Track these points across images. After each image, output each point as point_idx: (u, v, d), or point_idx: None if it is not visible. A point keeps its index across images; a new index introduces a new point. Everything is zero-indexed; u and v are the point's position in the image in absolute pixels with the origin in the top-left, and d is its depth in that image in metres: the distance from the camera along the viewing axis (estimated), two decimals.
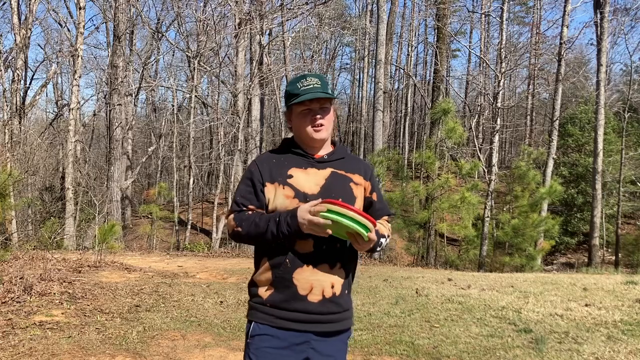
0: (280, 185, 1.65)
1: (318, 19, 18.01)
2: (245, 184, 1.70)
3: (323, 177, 1.68)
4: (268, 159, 1.71)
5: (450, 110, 12.25)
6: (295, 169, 1.68)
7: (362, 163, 1.83)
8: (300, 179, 1.66)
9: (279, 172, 1.67)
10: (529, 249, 11.66)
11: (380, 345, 3.86)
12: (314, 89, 1.65)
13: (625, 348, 3.78)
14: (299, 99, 1.64)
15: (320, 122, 1.66)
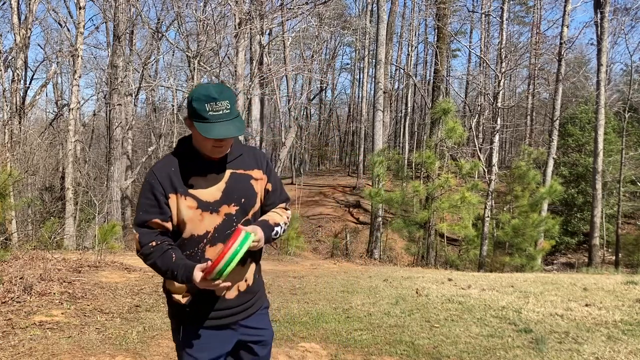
0: (182, 196, 1.63)
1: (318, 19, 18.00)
2: (146, 198, 1.65)
3: (223, 181, 1.68)
4: (166, 167, 1.66)
5: (451, 110, 12.25)
6: (195, 177, 1.66)
7: (257, 154, 1.81)
8: (200, 187, 1.65)
9: (178, 181, 1.64)
10: (529, 249, 11.66)
11: (381, 345, 3.86)
12: (223, 117, 1.57)
13: (626, 348, 3.77)
14: (208, 132, 1.56)
15: (223, 150, 1.66)
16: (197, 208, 1.63)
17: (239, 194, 1.69)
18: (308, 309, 4.94)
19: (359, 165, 27.46)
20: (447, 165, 14.11)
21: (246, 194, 1.70)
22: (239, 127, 1.59)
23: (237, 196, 1.68)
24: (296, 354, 3.64)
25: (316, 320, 4.51)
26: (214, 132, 1.55)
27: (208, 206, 1.64)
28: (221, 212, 1.66)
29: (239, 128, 1.59)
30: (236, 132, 1.57)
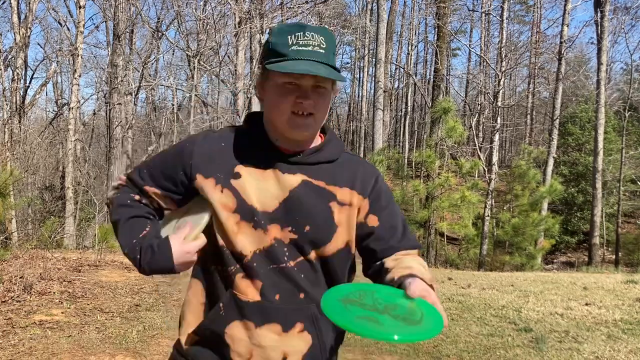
0: (218, 184, 1.08)
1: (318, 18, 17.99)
2: (163, 159, 1.17)
3: (287, 188, 1.08)
4: (215, 141, 1.14)
5: (451, 109, 12.25)
6: (247, 166, 1.10)
7: (363, 167, 1.17)
8: (250, 184, 1.08)
9: (221, 162, 1.10)
10: (529, 248, 11.67)
11: (381, 344, 3.86)
12: (313, 54, 1.04)
13: (626, 347, 3.77)
14: (283, 66, 1.02)
15: (309, 111, 1.05)
16: (234, 211, 1.07)
17: (304, 216, 1.08)
18: None
19: None
20: (447, 165, 14.11)
21: (315, 220, 1.08)
22: (334, 73, 1.05)
23: (299, 218, 1.07)
24: None
25: None
26: (295, 66, 1.02)
27: (252, 215, 1.07)
28: (269, 232, 1.07)
29: (333, 73, 1.04)
30: (329, 73, 1.03)
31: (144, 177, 1.16)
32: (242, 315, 1.07)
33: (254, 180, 1.09)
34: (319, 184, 1.11)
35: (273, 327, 1.07)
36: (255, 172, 1.10)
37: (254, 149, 1.12)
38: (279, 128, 1.09)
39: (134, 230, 1.10)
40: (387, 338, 0.80)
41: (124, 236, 1.10)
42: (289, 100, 1.05)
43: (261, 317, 1.06)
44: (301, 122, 1.06)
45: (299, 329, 1.08)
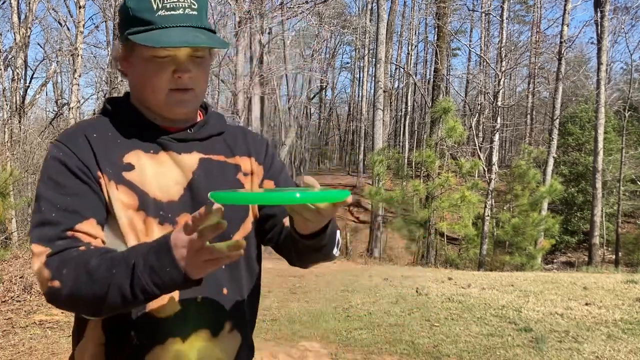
0: (111, 181, 0.89)
1: (318, 18, 17.99)
2: (55, 187, 0.87)
3: (189, 170, 0.94)
4: (81, 132, 0.91)
5: (451, 109, 12.25)
6: (136, 153, 0.92)
7: (252, 135, 1.08)
8: (146, 173, 0.91)
9: (105, 156, 0.90)
10: (529, 247, 11.67)
11: (381, 344, 3.86)
12: (185, 19, 0.88)
13: (626, 347, 3.77)
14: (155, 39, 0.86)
15: (189, 86, 0.91)
16: (138, 209, 0.89)
17: None
18: (308, 308, 4.94)
19: (359, 164, 27.46)
20: (447, 164, 14.12)
21: None
22: (215, 39, 0.91)
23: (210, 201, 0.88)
24: (296, 353, 3.64)
25: (316, 319, 4.51)
26: (170, 37, 0.86)
27: (157, 208, 0.90)
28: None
29: (215, 39, 0.91)
30: (211, 41, 0.89)
31: (62, 221, 0.84)
32: (163, 336, 0.88)
33: (149, 167, 0.91)
34: (219, 158, 0.99)
35: (201, 334, 0.92)
36: (147, 158, 0.92)
37: (135, 132, 0.93)
38: (154, 107, 0.93)
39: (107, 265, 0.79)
40: (289, 197, 0.74)
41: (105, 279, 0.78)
42: (165, 75, 0.89)
43: (187, 328, 0.90)
44: (181, 98, 0.91)
45: (228, 328, 0.95)
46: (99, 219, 0.89)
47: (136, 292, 0.77)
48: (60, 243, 0.84)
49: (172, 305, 0.90)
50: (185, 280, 0.77)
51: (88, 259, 0.80)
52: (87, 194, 0.88)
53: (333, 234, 0.94)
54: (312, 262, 1.02)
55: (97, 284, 0.78)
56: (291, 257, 1.03)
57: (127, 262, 0.78)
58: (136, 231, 0.89)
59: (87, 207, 0.87)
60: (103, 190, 0.89)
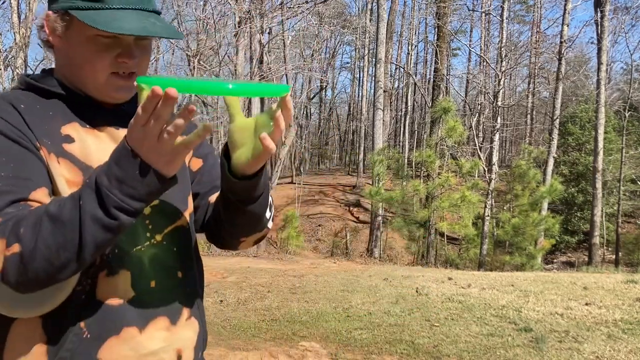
0: (51, 154, 0.78)
1: (318, 18, 17.99)
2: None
3: None
4: (11, 100, 0.81)
5: (451, 109, 12.25)
6: (73, 126, 0.82)
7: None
8: (88, 146, 0.82)
9: (41, 127, 0.79)
10: (529, 247, 11.67)
11: (381, 344, 3.86)
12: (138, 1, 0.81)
13: (626, 347, 3.77)
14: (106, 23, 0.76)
15: (132, 70, 0.83)
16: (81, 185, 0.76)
17: None
18: (308, 308, 4.94)
19: (359, 164, 27.46)
20: (447, 164, 14.11)
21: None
22: (171, 28, 0.84)
23: None
24: (296, 353, 3.64)
25: (316, 319, 4.51)
26: (126, 22, 0.77)
27: None
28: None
29: (171, 29, 0.84)
30: (169, 31, 0.82)
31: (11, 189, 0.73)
32: (117, 325, 0.79)
33: (90, 141, 0.82)
34: None
35: (159, 322, 0.83)
36: (86, 131, 0.82)
37: (68, 106, 0.84)
38: (91, 90, 0.84)
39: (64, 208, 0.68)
40: (220, 88, 0.65)
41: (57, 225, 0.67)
42: (108, 58, 0.80)
43: (143, 316, 0.81)
44: (124, 84, 0.83)
45: (186, 315, 0.88)
46: (49, 190, 0.76)
47: (113, 213, 0.66)
48: (10, 210, 0.70)
49: (124, 291, 0.80)
50: (159, 180, 0.68)
51: (45, 207, 0.68)
52: (33, 160, 0.76)
53: (266, 186, 0.84)
54: (243, 228, 0.89)
55: (67, 226, 0.66)
56: (220, 231, 0.93)
57: (90, 186, 0.67)
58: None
59: (37, 174, 0.76)
60: (45, 163, 0.77)
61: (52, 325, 0.78)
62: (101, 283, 0.80)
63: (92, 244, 0.68)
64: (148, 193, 0.69)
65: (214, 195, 0.96)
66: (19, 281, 0.68)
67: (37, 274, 0.68)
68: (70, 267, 0.69)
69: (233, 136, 0.78)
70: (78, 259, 0.69)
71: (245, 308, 4.93)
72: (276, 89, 0.70)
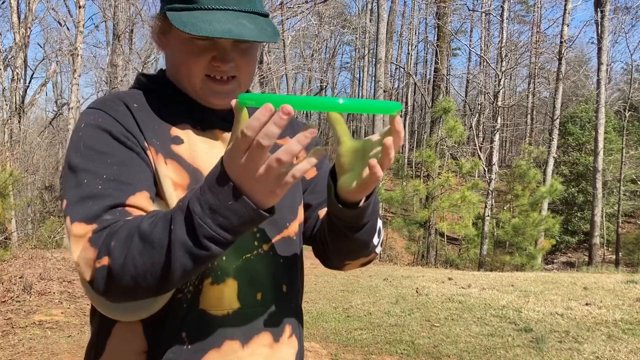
0: (159, 155, 0.76)
1: (318, 18, 17.99)
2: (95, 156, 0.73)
3: None
4: (125, 99, 0.79)
5: (451, 109, 12.25)
6: (183, 127, 0.80)
7: (296, 120, 0.97)
8: (197, 149, 0.79)
9: (151, 127, 0.78)
10: (530, 248, 11.66)
11: (381, 344, 3.85)
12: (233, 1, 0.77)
13: (626, 347, 3.77)
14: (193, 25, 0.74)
15: (231, 74, 0.79)
16: (188, 188, 0.76)
17: None
18: (308, 308, 4.94)
19: None
20: (447, 164, 14.12)
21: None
22: (263, 30, 0.77)
23: None
24: None
25: (316, 320, 4.51)
26: (210, 23, 0.74)
27: None
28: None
29: (263, 31, 0.77)
30: (258, 34, 0.75)
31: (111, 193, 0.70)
32: (220, 338, 0.76)
33: (200, 143, 0.80)
34: None
35: (263, 338, 0.79)
36: (195, 133, 0.81)
37: (178, 107, 0.82)
38: (190, 92, 0.82)
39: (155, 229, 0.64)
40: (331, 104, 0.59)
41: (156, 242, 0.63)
42: (202, 61, 0.78)
43: (247, 331, 0.77)
44: (220, 89, 0.79)
45: (289, 333, 0.83)
46: (152, 194, 0.74)
47: (204, 243, 0.61)
48: (107, 217, 0.68)
49: (229, 301, 0.77)
50: (256, 211, 0.60)
51: (138, 223, 0.65)
52: (137, 164, 0.74)
53: (375, 213, 0.77)
54: (348, 253, 0.84)
55: (156, 248, 0.63)
56: (326, 250, 0.87)
57: (182, 210, 0.62)
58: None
59: (139, 178, 0.73)
60: (151, 164, 0.76)
61: (153, 332, 0.76)
62: (206, 291, 0.76)
63: (179, 270, 0.63)
64: (242, 224, 0.61)
65: (324, 210, 0.89)
66: (107, 293, 0.67)
67: (125, 289, 0.66)
68: (157, 290, 0.66)
69: (340, 159, 0.73)
70: (165, 283, 0.65)
71: None
72: (387, 105, 0.64)
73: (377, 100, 0.64)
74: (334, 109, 0.60)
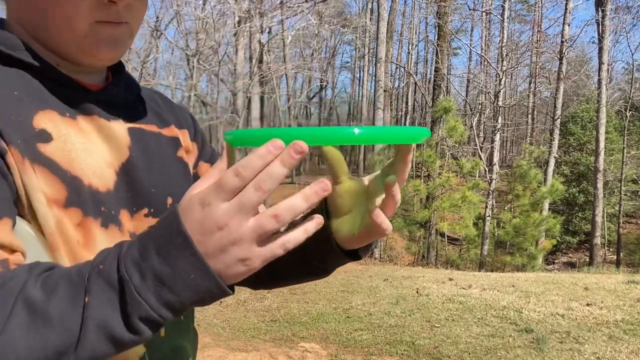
0: (24, 160, 0.52)
1: (318, 17, 17.98)
2: None
3: (123, 145, 0.61)
4: None
5: (451, 108, 12.23)
6: (49, 115, 0.56)
7: (175, 105, 0.77)
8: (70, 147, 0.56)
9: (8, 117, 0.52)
10: (530, 248, 11.64)
11: (381, 345, 3.84)
12: None
13: (627, 348, 3.75)
14: None
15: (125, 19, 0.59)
16: (67, 205, 0.54)
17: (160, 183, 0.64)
18: (308, 308, 4.92)
19: (359, 164, 27.45)
20: (448, 164, 14.11)
21: (175, 184, 0.66)
22: None
23: (155, 189, 0.64)
24: (296, 354, 3.62)
25: (316, 320, 4.49)
26: None
27: (98, 204, 0.57)
28: (124, 226, 0.59)
29: None
30: None
31: None
32: None
33: (74, 138, 0.57)
34: (151, 129, 0.66)
35: None
36: (65, 123, 0.57)
37: (36, 81, 0.57)
38: (65, 46, 0.58)
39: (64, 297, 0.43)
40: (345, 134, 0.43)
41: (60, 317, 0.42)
42: (90, 3, 0.55)
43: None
44: (112, 33, 0.58)
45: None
46: (13, 220, 0.50)
47: (135, 325, 0.42)
48: None
49: (133, 350, 0.58)
50: (222, 290, 0.43)
51: (21, 285, 0.42)
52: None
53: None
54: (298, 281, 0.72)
55: (54, 327, 0.41)
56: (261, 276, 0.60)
57: (107, 278, 0.42)
58: (68, 242, 0.53)
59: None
60: (13, 174, 0.51)
61: None
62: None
63: (86, 358, 0.42)
64: (193, 303, 0.44)
65: None
66: None
67: None
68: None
69: (336, 200, 0.58)
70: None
71: (245, 309, 4.91)
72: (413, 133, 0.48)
73: (400, 127, 0.49)
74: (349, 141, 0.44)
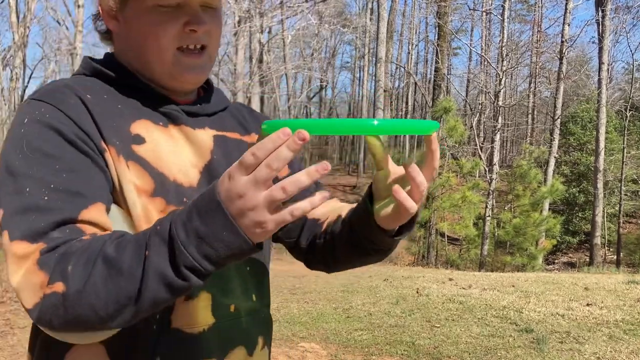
0: (120, 157, 0.67)
1: (318, 17, 17.98)
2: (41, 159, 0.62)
3: (206, 149, 0.74)
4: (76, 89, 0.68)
5: (451, 108, 12.23)
6: (144, 124, 0.71)
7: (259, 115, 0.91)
8: (161, 149, 0.70)
9: (110, 124, 0.68)
10: (530, 248, 11.65)
11: (381, 345, 3.84)
12: None
13: (627, 348, 3.75)
14: None
15: (202, 43, 0.72)
16: (153, 195, 0.68)
17: None
18: (308, 308, 4.92)
19: (359, 164, 27.45)
20: (448, 164, 14.10)
21: None
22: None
23: None
24: (296, 354, 3.62)
25: (316, 320, 4.49)
26: None
27: (180, 196, 0.70)
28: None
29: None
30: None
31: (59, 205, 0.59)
32: (198, 358, 0.70)
33: (164, 143, 0.70)
34: (234, 136, 0.80)
35: (238, 353, 0.74)
36: (158, 130, 0.71)
37: (137, 99, 0.72)
38: (157, 74, 0.72)
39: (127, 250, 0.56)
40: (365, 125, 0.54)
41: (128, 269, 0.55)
42: (173, 29, 0.69)
43: (222, 347, 0.72)
44: (194, 62, 0.72)
45: (261, 344, 0.79)
46: (108, 206, 0.64)
47: (184, 274, 0.53)
48: (56, 235, 0.58)
49: (204, 317, 0.70)
50: (249, 246, 0.53)
51: (101, 246, 0.56)
52: (90, 170, 0.63)
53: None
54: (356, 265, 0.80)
55: (124, 277, 0.54)
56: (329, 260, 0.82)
57: (162, 235, 0.54)
58: (144, 219, 0.66)
59: (92, 187, 0.63)
60: (110, 168, 0.66)
61: (119, 353, 0.67)
62: (179, 308, 0.68)
63: (149, 301, 0.55)
64: (229, 257, 0.54)
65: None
66: (54, 324, 0.57)
67: (77, 320, 0.56)
68: (116, 321, 0.57)
69: (377, 185, 0.68)
70: (129, 315, 0.56)
71: None
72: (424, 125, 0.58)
73: (412, 120, 0.59)
74: (368, 132, 0.54)
